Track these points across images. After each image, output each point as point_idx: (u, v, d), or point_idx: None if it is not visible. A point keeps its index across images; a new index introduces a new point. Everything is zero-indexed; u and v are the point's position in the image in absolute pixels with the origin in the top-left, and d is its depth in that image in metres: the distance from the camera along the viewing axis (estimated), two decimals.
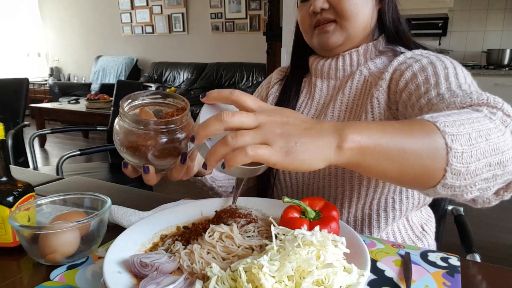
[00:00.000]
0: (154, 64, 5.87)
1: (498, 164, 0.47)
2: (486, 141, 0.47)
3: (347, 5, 0.73)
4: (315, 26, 0.78)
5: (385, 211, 0.76)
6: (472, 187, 0.48)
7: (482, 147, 0.46)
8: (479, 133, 0.47)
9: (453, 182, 0.46)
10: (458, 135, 0.46)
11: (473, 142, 0.46)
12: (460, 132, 0.46)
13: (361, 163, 0.44)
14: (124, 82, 2.90)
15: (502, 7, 3.76)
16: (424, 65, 0.70)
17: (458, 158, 0.45)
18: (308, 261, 0.41)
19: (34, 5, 6.93)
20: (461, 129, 0.46)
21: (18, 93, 2.69)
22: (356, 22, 0.75)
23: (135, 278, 0.48)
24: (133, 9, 6.03)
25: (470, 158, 0.45)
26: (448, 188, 0.47)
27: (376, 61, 0.80)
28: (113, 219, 0.66)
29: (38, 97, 6.41)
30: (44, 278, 0.52)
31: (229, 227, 0.54)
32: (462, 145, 0.45)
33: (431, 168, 0.45)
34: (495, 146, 0.47)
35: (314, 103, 0.86)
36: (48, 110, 4.25)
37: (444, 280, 0.50)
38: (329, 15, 0.75)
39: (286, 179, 0.86)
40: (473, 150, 0.46)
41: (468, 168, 0.45)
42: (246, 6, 5.19)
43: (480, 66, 3.75)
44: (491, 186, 0.49)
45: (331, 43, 0.77)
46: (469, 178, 0.46)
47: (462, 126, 0.47)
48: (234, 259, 0.50)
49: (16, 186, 0.59)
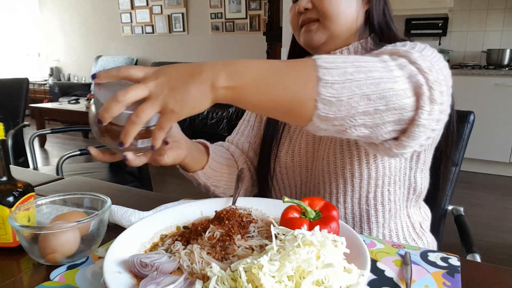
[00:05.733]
0: (154, 64, 5.87)
1: (380, 98, 0.49)
2: (365, 76, 0.50)
3: (328, 5, 0.76)
4: (301, 26, 0.81)
5: (382, 204, 0.77)
6: (352, 121, 0.51)
7: (358, 80, 0.49)
8: (358, 69, 0.50)
9: (326, 113, 0.49)
10: (332, 69, 0.49)
11: (348, 76, 0.49)
12: (336, 67, 0.50)
13: (237, 98, 0.51)
14: None
15: (502, 7, 3.76)
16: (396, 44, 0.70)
17: (328, 88, 0.48)
18: (308, 261, 0.41)
19: (34, 5, 6.93)
20: (338, 65, 0.50)
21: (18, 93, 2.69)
22: (339, 22, 0.77)
23: (135, 278, 0.48)
24: (133, 9, 6.03)
25: (342, 89, 0.49)
26: (325, 121, 0.50)
27: None
28: (113, 219, 0.66)
29: (38, 97, 6.41)
30: (44, 278, 0.52)
31: (229, 227, 0.54)
32: (334, 76, 0.49)
33: (301, 98, 0.50)
34: (375, 81, 0.50)
35: None
36: (48, 110, 4.25)
37: (444, 280, 0.50)
38: (312, 15, 0.78)
39: (284, 179, 0.87)
40: (347, 82, 0.49)
41: (339, 98, 0.49)
42: (246, 6, 5.18)
43: (480, 66, 3.75)
44: (380, 123, 0.51)
45: (315, 41, 0.80)
46: (343, 110, 0.49)
47: (343, 63, 0.50)
48: (234, 259, 0.50)
49: (16, 186, 0.59)
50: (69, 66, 7.00)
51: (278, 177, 0.87)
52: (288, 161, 0.86)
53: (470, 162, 3.61)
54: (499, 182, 3.36)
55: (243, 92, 0.50)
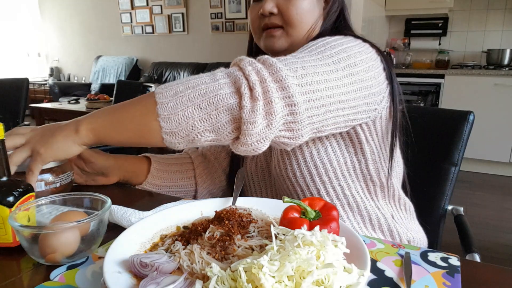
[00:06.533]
0: (154, 64, 5.87)
1: (209, 104, 0.57)
2: (193, 90, 0.58)
3: (294, 13, 0.76)
4: (263, 29, 0.81)
5: (338, 199, 0.78)
6: (194, 129, 0.58)
7: (187, 94, 0.58)
8: (186, 85, 0.59)
9: (170, 129, 0.58)
10: (165, 92, 0.58)
11: (179, 94, 0.58)
12: (169, 89, 0.59)
13: (99, 137, 0.63)
14: (124, 82, 2.90)
15: (502, 7, 3.76)
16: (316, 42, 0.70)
17: (164, 107, 0.57)
18: (308, 261, 0.41)
19: (34, 5, 6.93)
20: (171, 87, 0.59)
21: (18, 93, 2.69)
22: (301, 29, 0.78)
23: (135, 278, 0.48)
24: (133, 9, 6.03)
25: (176, 106, 0.57)
26: (173, 136, 0.58)
27: None
28: (113, 219, 0.66)
29: (38, 97, 6.40)
30: (44, 278, 0.52)
31: (229, 227, 0.54)
32: (167, 98, 0.58)
33: (147, 124, 0.59)
34: (202, 92, 0.57)
35: None
36: (48, 110, 4.24)
37: (444, 280, 0.50)
38: (276, 21, 0.78)
39: (254, 182, 0.91)
40: (178, 99, 0.57)
41: (176, 114, 0.57)
42: (246, 6, 5.18)
43: (480, 66, 3.75)
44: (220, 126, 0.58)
45: (277, 48, 0.80)
46: (183, 122, 0.57)
47: (176, 85, 0.59)
48: (234, 259, 0.50)
49: (16, 186, 0.59)
50: (69, 66, 7.00)
51: (249, 179, 0.92)
52: (252, 167, 0.90)
53: (470, 162, 3.61)
54: (499, 182, 3.36)
55: (102, 131, 0.63)
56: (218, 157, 0.97)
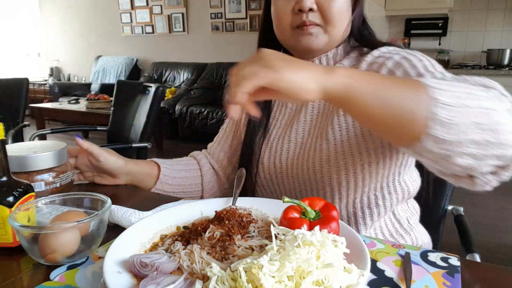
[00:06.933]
0: (154, 64, 5.87)
1: (490, 130, 0.47)
2: (476, 103, 0.47)
3: (335, 11, 0.72)
4: (298, 26, 0.74)
5: (369, 208, 0.77)
6: (460, 148, 0.47)
7: (471, 106, 0.47)
8: (469, 95, 0.47)
9: (439, 134, 0.46)
10: (443, 91, 0.47)
11: (462, 101, 0.47)
12: (446, 89, 0.47)
13: (349, 98, 0.47)
14: (124, 82, 2.90)
15: (502, 7, 3.76)
16: (397, 60, 0.69)
17: (443, 109, 0.46)
18: (308, 261, 0.41)
19: (34, 5, 6.93)
20: (448, 88, 0.48)
21: (18, 93, 2.69)
22: (340, 28, 0.75)
23: (135, 278, 0.48)
24: (133, 9, 6.03)
25: (457, 113, 0.46)
26: (435, 143, 0.47)
27: (344, 62, 0.80)
28: (113, 219, 0.66)
29: (38, 97, 6.40)
30: (44, 278, 0.52)
31: (229, 227, 0.54)
32: (449, 98, 0.46)
33: (415, 115, 0.47)
34: (486, 111, 0.47)
35: (288, 110, 0.85)
36: (48, 110, 4.24)
37: (444, 280, 0.50)
38: (315, 19, 0.72)
39: (269, 185, 0.86)
40: (462, 108, 0.46)
41: (454, 121, 0.46)
42: (246, 6, 5.18)
43: (480, 66, 3.75)
44: (486, 155, 0.48)
45: (315, 47, 0.75)
46: (455, 134, 0.46)
47: (452, 87, 0.48)
48: (234, 259, 0.50)
49: (16, 186, 0.59)
50: (69, 66, 7.00)
51: (264, 183, 0.87)
52: (271, 168, 0.84)
53: None
54: None
55: (358, 91, 0.47)
56: (221, 164, 0.95)
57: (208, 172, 0.95)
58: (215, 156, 0.96)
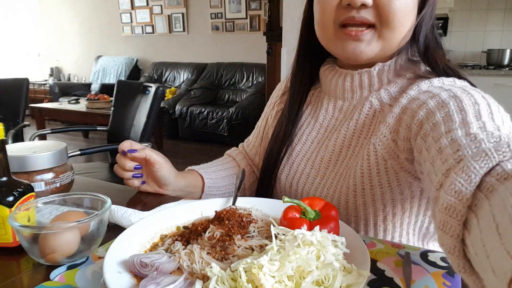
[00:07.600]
0: (154, 64, 5.88)
1: None
2: None
3: (396, 9, 0.57)
4: (343, 25, 0.61)
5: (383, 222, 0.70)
6: None
7: None
8: None
9: None
10: None
11: None
12: None
13: None
14: (124, 82, 2.90)
15: (502, 7, 3.76)
16: (444, 99, 0.55)
17: None
18: (308, 261, 0.41)
19: (34, 5, 6.93)
20: None
21: (18, 93, 2.69)
22: (398, 33, 0.60)
23: (135, 278, 0.48)
24: (133, 9, 6.03)
25: None
26: None
27: (390, 88, 0.66)
28: (113, 219, 0.66)
29: (38, 97, 6.41)
30: (44, 278, 0.52)
31: (229, 227, 0.54)
32: None
33: None
34: None
35: (317, 125, 0.76)
36: (48, 110, 4.25)
37: (444, 280, 0.50)
38: (368, 16, 0.58)
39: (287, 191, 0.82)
40: None
41: None
42: (246, 6, 5.19)
43: (480, 66, 3.75)
44: None
45: (364, 56, 0.62)
46: None
47: None
48: (234, 259, 0.50)
49: (16, 186, 0.59)
50: (69, 66, 7.00)
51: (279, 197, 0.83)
52: (287, 188, 0.79)
53: None
54: None
55: None
56: (254, 162, 0.92)
57: (246, 168, 0.90)
58: (249, 153, 0.93)
